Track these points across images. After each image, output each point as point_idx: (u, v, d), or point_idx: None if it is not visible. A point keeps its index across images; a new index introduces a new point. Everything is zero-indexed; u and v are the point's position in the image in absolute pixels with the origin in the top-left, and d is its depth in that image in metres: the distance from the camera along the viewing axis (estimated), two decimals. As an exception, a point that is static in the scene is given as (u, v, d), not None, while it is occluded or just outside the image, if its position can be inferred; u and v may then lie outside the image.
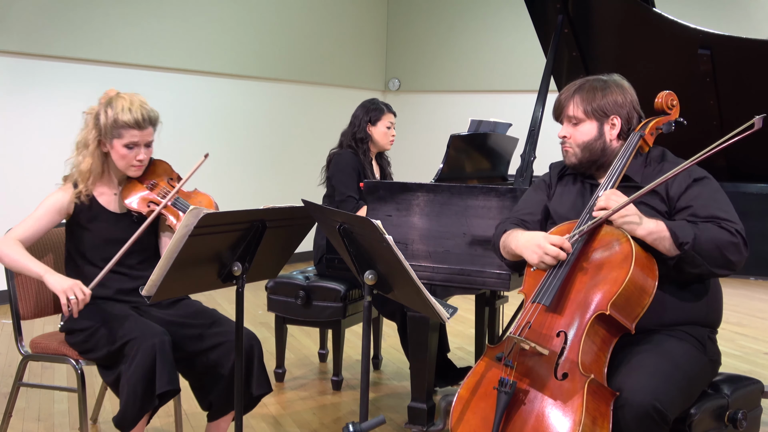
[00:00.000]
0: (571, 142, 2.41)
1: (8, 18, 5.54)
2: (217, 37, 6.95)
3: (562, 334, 2.14)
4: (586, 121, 2.39)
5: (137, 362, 2.41)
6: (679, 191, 2.30)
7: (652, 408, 1.99)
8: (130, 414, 2.41)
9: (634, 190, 2.31)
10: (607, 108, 2.38)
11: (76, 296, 2.46)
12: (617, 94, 2.39)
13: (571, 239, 2.21)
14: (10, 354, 4.33)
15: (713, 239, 2.16)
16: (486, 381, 2.20)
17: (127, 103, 2.63)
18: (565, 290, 2.20)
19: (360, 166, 3.86)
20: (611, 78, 2.44)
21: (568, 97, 2.42)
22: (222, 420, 2.71)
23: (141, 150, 2.66)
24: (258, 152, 7.35)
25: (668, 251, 2.17)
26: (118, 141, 2.64)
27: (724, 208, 2.25)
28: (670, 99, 2.44)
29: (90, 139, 2.67)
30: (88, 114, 2.71)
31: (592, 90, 2.39)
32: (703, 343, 2.28)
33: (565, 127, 2.43)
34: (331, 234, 2.32)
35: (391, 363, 4.39)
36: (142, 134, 2.64)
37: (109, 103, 2.65)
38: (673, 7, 4.23)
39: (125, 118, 2.61)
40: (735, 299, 6.23)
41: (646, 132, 2.37)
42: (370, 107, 4.00)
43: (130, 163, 2.68)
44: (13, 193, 5.60)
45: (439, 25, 8.61)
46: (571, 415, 2.00)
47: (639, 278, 2.15)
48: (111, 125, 2.62)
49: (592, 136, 2.39)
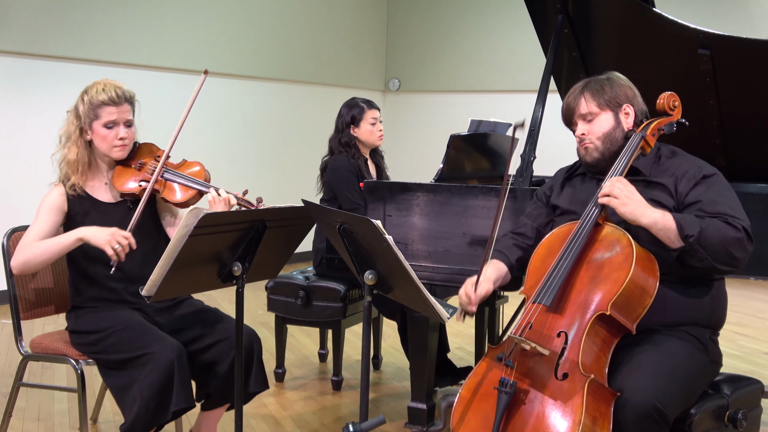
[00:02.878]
0: (590, 137, 2.39)
1: (8, 18, 5.54)
2: (217, 37, 6.95)
3: (563, 334, 2.14)
4: (601, 114, 2.38)
5: (154, 377, 2.40)
6: (688, 187, 2.29)
7: (653, 408, 1.99)
8: (139, 427, 2.40)
9: (642, 184, 2.32)
10: (619, 97, 2.39)
11: (120, 244, 2.49)
12: (624, 87, 2.41)
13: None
14: (10, 354, 4.33)
15: (718, 234, 2.15)
16: (487, 381, 2.20)
17: (101, 85, 2.67)
18: (565, 290, 2.20)
19: (356, 168, 3.83)
20: (613, 74, 2.45)
21: (576, 98, 2.42)
22: (215, 411, 2.73)
23: (120, 128, 2.67)
24: (258, 152, 7.35)
25: (672, 243, 2.17)
26: (97, 123, 2.65)
27: (732, 204, 2.24)
28: (672, 100, 2.44)
29: (71, 130, 2.68)
30: (70, 111, 2.73)
31: (599, 85, 2.40)
32: (704, 344, 2.28)
33: (580, 126, 2.42)
34: (331, 234, 2.32)
35: (391, 363, 4.39)
36: (119, 110, 2.65)
37: (84, 91, 2.68)
38: (673, 7, 4.23)
39: (100, 97, 2.64)
40: (735, 299, 6.19)
41: (648, 133, 2.35)
42: (351, 107, 3.92)
43: (112, 144, 2.67)
44: (13, 193, 5.60)
45: (439, 25, 8.61)
46: (571, 415, 2.00)
47: (640, 278, 2.15)
48: (88, 108, 2.65)
49: (610, 125, 2.38)
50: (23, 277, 2.77)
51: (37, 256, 2.58)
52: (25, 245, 2.60)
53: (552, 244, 2.34)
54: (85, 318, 2.65)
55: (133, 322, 2.58)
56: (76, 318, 2.69)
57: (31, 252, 2.58)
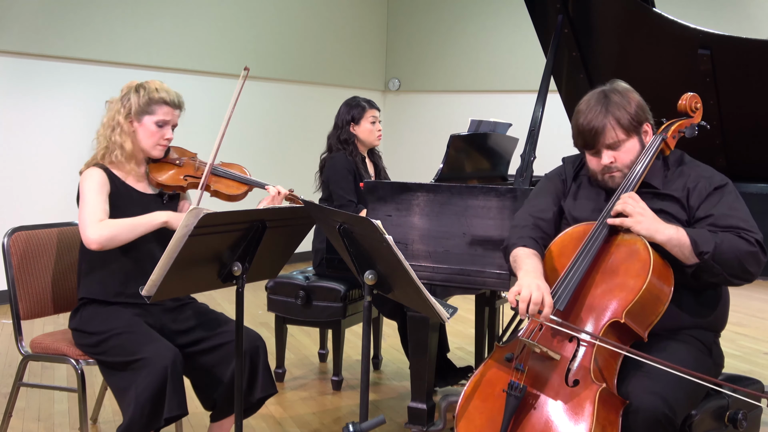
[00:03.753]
0: (618, 165, 2.28)
1: (8, 18, 5.54)
2: (217, 37, 6.95)
3: (575, 339, 2.11)
4: (628, 141, 2.28)
5: (148, 382, 2.40)
6: (700, 200, 2.25)
7: (662, 415, 1.98)
8: (135, 430, 2.40)
9: (655, 195, 2.27)
10: (639, 117, 2.28)
11: None
12: (637, 101, 2.31)
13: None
14: (10, 354, 4.33)
15: (733, 249, 2.12)
16: (494, 381, 2.18)
17: (159, 85, 2.73)
18: (579, 295, 2.16)
19: (353, 167, 3.83)
20: (618, 85, 2.34)
21: (601, 124, 2.25)
22: (225, 420, 2.71)
23: (169, 129, 2.73)
24: (258, 152, 7.35)
25: (687, 259, 2.14)
26: (149, 117, 2.69)
27: (744, 217, 2.21)
28: (695, 101, 2.37)
29: (121, 119, 2.69)
30: (112, 102, 2.74)
31: (618, 107, 2.27)
32: (709, 348, 2.28)
33: (605, 155, 2.28)
34: (331, 234, 2.31)
35: (391, 363, 4.39)
36: (173, 113, 2.73)
37: (140, 85, 2.72)
38: (673, 7, 4.23)
39: (161, 95, 2.69)
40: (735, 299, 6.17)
41: (668, 135, 2.30)
42: (351, 106, 3.94)
43: (158, 142, 2.72)
44: (14, 192, 5.60)
45: (439, 25, 8.61)
46: (581, 424, 1.97)
47: (655, 286, 2.12)
48: (144, 103, 2.68)
49: (637, 151, 2.29)
50: (23, 277, 2.77)
51: (125, 233, 2.58)
52: (103, 221, 2.58)
53: (565, 244, 2.29)
54: (90, 317, 2.64)
55: (134, 325, 2.58)
56: (80, 317, 2.68)
57: (119, 228, 2.58)
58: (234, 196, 2.83)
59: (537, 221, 2.41)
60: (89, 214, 2.59)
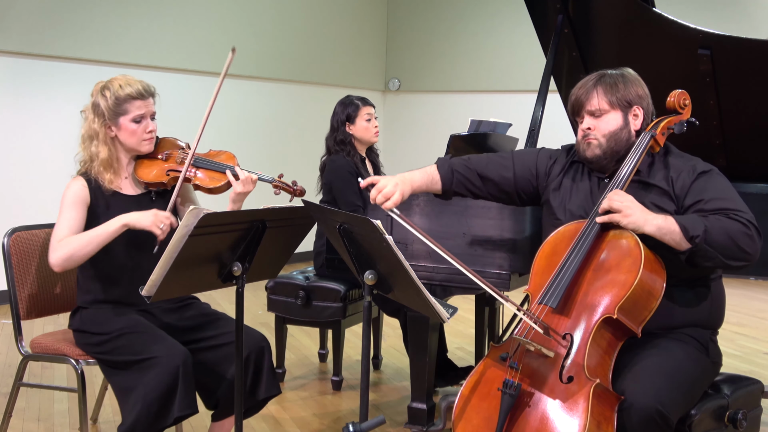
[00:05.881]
0: (595, 133, 2.34)
1: (8, 18, 5.54)
2: (217, 37, 6.95)
3: (568, 336, 2.12)
4: (610, 112, 2.34)
5: (158, 381, 2.39)
6: (685, 187, 2.27)
7: (656, 412, 1.99)
8: (139, 429, 2.39)
9: (639, 185, 2.29)
10: (630, 98, 2.34)
11: (164, 224, 2.53)
12: (638, 86, 2.36)
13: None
14: (10, 354, 4.33)
15: (724, 230, 2.12)
16: (489, 380, 2.19)
17: (122, 80, 2.66)
18: (572, 292, 2.18)
19: (354, 168, 3.82)
20: (626, 71, 2.40)
21: (588, 91, 2.36)
22: (226, 420, 2.71)
23: (149, 121, 2.68)
24: (257, 152, 7.34)
25: (679, 245, 2.14)
26: (124, 118, 2.63)
27: (732, 198, 2.22)
28: (683, 98, 2.40)
29: (97, 128, 2.65)
30: (85, 110, 2.70)
31: (613, 81, 2.35)
32: (705, 346, 2.28)
33: (586, 120, 2.37)
34: (331, 234, 2.32)
35: (391, 363, 4.39)
36: (146, 104, 2.66)
37: (104, 87, 2.66)
38: (673, 7, 4.23)
39: (127, 91, 2.62)
40: (735, 299, 6.23)
41: (658, 132, 2.32)
42: (346, 105, 3.91)
43: (142, 137, 2.67)
44: (13, 193, 5.60)
45: (439, 25, 8.61)
46: (576, 419, 1.99)
47: (647, 282, 2.13)
48: (113, 105, 2.62)
49: (618, 125, 2.34)
50: (23, 277, 2.77)
51: (81, 248, 2.54)
52: (62, 240, 2.55)
53: (557, 243, 2.31)
54: (92, 318, 2.64)
55: (141, 325, 2.57)
56: (81, 318, 2.68)
57: (74, 246, 2.54)
58: (214, 189, 2.72)
59: (476, 167, 2.55)
60: (54, 235, 2.58)
